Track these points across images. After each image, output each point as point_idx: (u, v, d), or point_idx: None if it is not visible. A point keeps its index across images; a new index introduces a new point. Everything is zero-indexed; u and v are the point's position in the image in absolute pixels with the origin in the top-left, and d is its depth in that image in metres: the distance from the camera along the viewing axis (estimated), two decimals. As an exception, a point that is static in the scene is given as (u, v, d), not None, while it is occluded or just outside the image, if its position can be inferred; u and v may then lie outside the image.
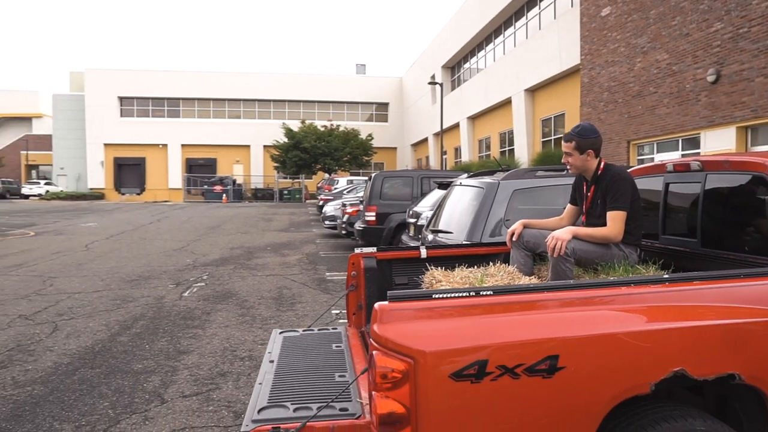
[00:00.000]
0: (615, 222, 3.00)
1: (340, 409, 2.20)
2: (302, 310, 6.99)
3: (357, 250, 3.50)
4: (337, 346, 3.05)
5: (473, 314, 1.99)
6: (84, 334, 5.86)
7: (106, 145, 46.56)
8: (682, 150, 13.43)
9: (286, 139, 40.04)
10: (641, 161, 14.54)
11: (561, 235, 2.87)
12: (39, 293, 7.96)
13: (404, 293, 2.02)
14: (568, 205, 3.45)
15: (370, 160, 43.37)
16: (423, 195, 10.13)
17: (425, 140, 42.14)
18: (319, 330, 3.42)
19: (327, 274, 9.65)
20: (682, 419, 2.05)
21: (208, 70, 50.06)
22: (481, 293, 2.06)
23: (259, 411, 2.23)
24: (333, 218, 15.60)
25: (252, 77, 48.04)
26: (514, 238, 3.22)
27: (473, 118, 32.15)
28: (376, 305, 1.99)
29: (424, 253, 3.55)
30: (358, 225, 11.51)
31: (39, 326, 6.20)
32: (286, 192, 42.44)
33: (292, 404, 2.27)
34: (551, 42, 21.34)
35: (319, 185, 39.27)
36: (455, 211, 5.23)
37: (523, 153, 24.02)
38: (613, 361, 1.96)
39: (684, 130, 13.06)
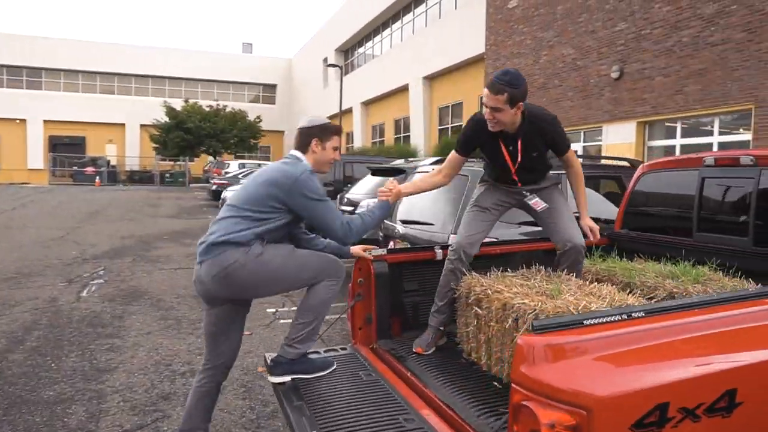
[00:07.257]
0: (575, 157, 2.99)
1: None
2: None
3: (365, 254, 2.92)
4: (367, 375, 2.48)
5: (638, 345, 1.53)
6: (-36, 351, 4.69)
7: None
8: (584, 142, 13.98)
9: (167, 119, 37.17)
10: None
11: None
12: None
13: (551, 322, 1.52)
14: (455, 154, 2.95)
15: (258, 143, 41.67)
16: (349, 182, 9.58)
17: (316, 125, 41.24)
18: (325, 352, 2.81)
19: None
20: None
21: (75, 38, 45.08)
22: (632, 315, 1.61)
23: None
24: (235, 205, 14.55)
25: (128, 49, 44.08)
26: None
27: (367, 104, 31.90)
28: (520, 340, 1.47)
29: (440, 254, 3.05)
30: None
31: None
32: (168, 175, 39.55)
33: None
34: (453, 30, 21.46)
35: (206, 168, 37.00)
36: (433, 202, 4.74)
37: (420, 140, 24.12)
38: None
39: (587, 123, 13.59)
